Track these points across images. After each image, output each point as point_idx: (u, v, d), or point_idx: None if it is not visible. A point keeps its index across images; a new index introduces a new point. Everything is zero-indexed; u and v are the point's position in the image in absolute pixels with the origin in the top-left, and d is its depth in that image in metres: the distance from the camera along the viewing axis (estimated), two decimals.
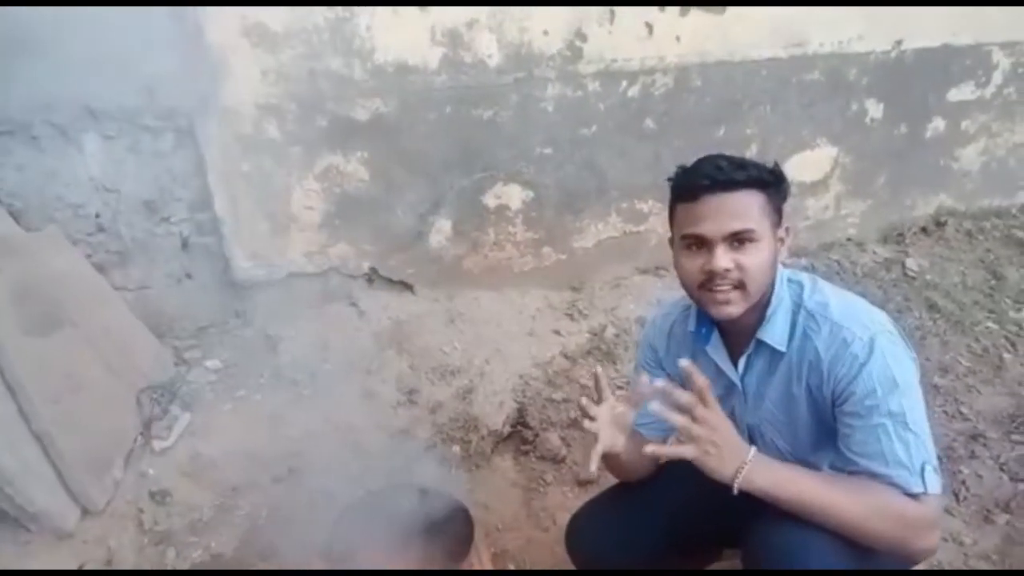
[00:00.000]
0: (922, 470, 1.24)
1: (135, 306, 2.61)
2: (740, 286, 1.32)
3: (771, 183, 1.35)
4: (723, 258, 1.31)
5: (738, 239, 1.31)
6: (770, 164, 1.39)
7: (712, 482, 1.27)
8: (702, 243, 1.34)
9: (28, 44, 2.26)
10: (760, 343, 1.42)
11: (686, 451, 1.26)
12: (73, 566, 2.00)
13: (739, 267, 1.31)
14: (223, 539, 2.15)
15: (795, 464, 1.38)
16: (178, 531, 2.13)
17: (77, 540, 2.04)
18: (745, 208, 1.31)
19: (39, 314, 2.15)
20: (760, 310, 1.40)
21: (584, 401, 1.42)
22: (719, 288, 1.33)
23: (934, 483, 1.24)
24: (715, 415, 1.27)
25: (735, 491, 1.26)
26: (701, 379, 1.27)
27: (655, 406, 1.26)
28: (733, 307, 1.34)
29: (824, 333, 1.35)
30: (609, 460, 1.60)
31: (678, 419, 1.25)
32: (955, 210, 3.89)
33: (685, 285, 1.42)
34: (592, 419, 1.39)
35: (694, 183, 1.34)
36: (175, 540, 2.11)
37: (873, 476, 1.26)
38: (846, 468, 1.31)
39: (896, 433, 1.25)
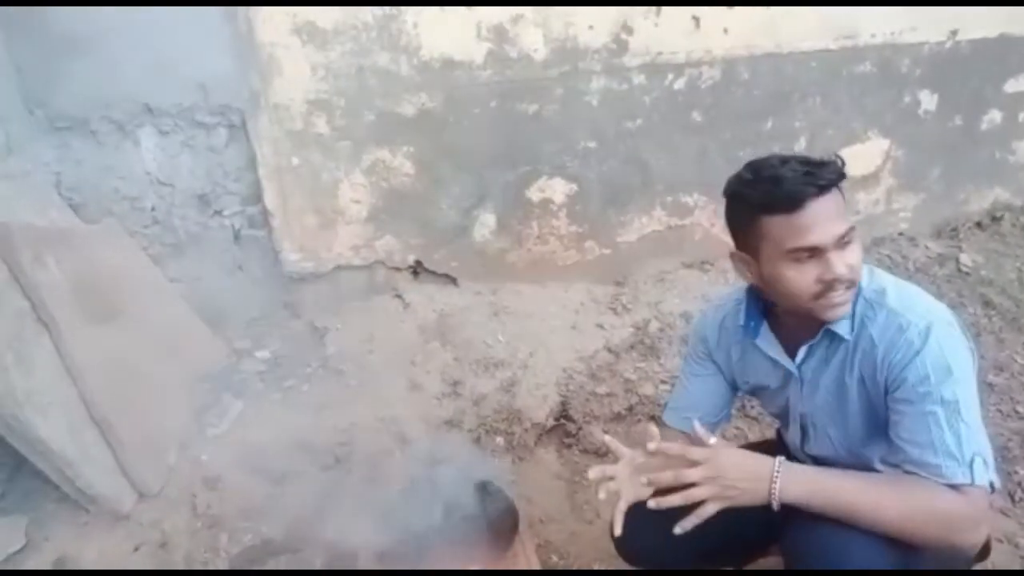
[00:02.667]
0: (971, 461, 1.21)
1: (189, 297, 2.68)
2: (852, 285, 1.30)
3: (844, 177, 1.31)
4: (840, 264, 1.26)
5: (844, 239, 1.27)
6: (820, 156, 1.33)
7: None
8: (814, 252, 1.27)
9: (88, 43, 2.34)
10: (827, 332, 1.39)
11: (709, 509, 1.24)
12: (129, 548, 2.06)
13: (849, 267, 1.27)
14: (272, 524, 2.19)
15: (831, 465, 1.37)
16: (230, 516, 2.18)
17: (133, 523, 2.11)
18: (841, 207, 1.28)
19: (98, 304, 2.23)
20: None
21: (595, 471, 1.39)
22: (838, 291, 1.29)
23: (983, 476, 1.21)
24: (710, 465, 1.25)
25: (776, 507, 1.24)
26: (673, 447, 1.29)
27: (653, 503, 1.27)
28: (846, 307, 1.32)
29: (880, 320, 1.33)
30: None
31: (674, 500, 1.25)
32: (1011, 204, 3.77)
33: (795, 298, 1.33)
34: (611, 478, 1.37)
35: (794, 191, 1.25)
36: (227, 525, 2.16)
37: (920, 464, 1.24)
38: (896, 457, 1.29)
39: (948, 422, 1.23)
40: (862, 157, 3.39)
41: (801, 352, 1.45)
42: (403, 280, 2.99)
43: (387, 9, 2.56)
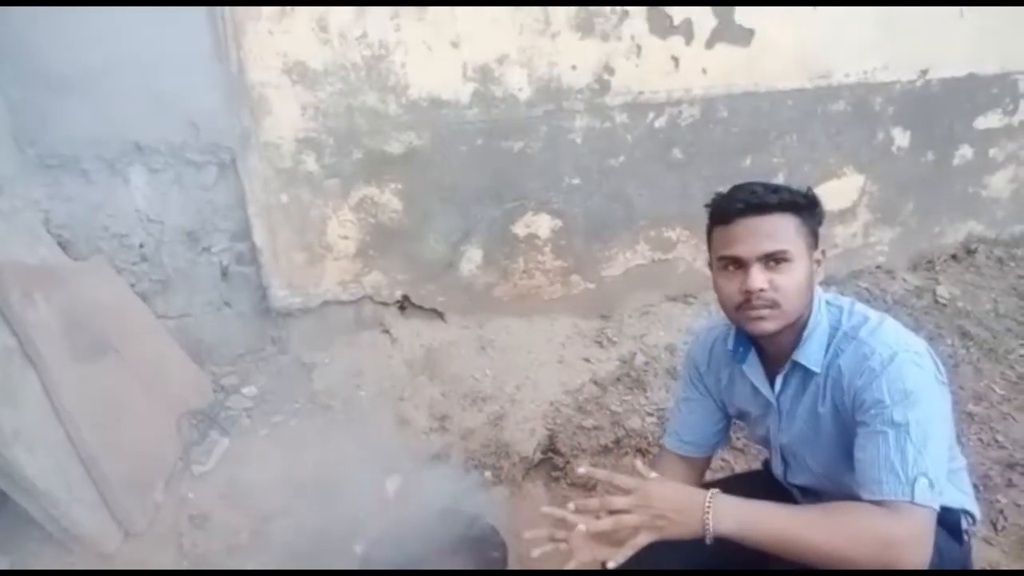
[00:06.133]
0: (914, 480, 1.22)
1: (176, 333, 2.69)
2: (775, 305, 1.35)
3: (804, 206, 1.39)
4: (758, 278, 1.34)
5: (773, 259, 1.34)
6: (793, 187, 1.42)
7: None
8: (738, 264, 1.37)
9: (79, 82, 2.38)
10: (795, 364, 1.44)
11: (641, 540, 1.23)
12: None
13: (773, 287, 1.34)
14: (259, 562, 2.17)
15: (815, 494, 1.37)
16: (216, 554, 2.17)
17: (119, 562, 2.09)
18: (779, 230, 1.35)
19: (85, 341, 2.23)
20: (797, 332, 1.42)
21: (544, 534, 1.37)
22: (755, 307, 1.36)
23: (924, 496, 1.22)
24: (639, 494, 1.26)
25: (708, 541, 1.23)
26: (601, 473, 1.32)
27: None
28: (768, 323, 1.36)
29: (850, 351, 1.37)
30: None
31: (605, 524, 1.24)
32: (985, 237, 3.87)
33: (723, 306, 1.44)
34: (563, 540, 1.35)
35: (730, 207, 1.38)
36: (213, 563, 2.15)
37: (864, 478, 1.27)
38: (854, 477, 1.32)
39: (896, 442, 1.25)
40: (838, 192, 3.47)
41: (778, 382, 1.49)
42: (390, 315, 3.01)
43: (376, 49, 2.62)
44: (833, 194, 3.46)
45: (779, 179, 3.29)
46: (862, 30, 3.19)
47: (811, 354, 1.42)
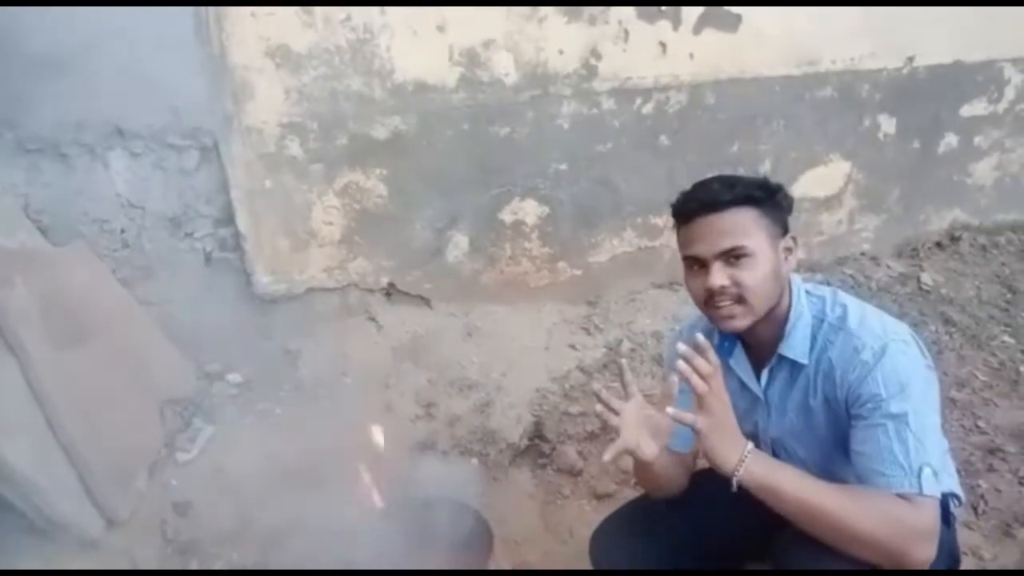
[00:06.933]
0: (919, 471, 1.24)
1: (159, 320, 2.65)
2: (740, 300, 1.36)
3: (763, 198, 1.38)
4: (718, 275, 1.35)
5: (732, 256, 1.35)
6: (771, 179, 1.42)
7: (719, 479, 1.29)
8: (700, 263, 1.38)
9: (59, 66, 2.32)
10: (781, 357, 1.44)
11: (701, 420, 1.27)
12: None
13: (736, 283, 1.35)
14: (244, 550, 2.17)
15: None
16: (201, 542, 2.15)
17: (102, 550, 2.06)
18: (736, 225, 1.35)
19: (66, 328, 2.19)
20: (779, 324, 1.43)
21: (605, 394, 1.40)
22: (721, 304, 1.37)
23: (931, 486, 1.24)
24: (727, 400, 1.31)
25: (734, 485, 1.26)
26: (715, 358, 1.32)
27: (681, 365, 1.27)
28: (738, 321, 1.38)
29: (839, 343, 1.38)
30: (642, 472, 1.59)
31: (702, 385, 1.26)
32: (969, 225, 3.89)
33: (695, 304, 1.46)
34: (616, 412, 1.38)
35: (686, 207, 1.41)
36: (198, 551, 2.14)
37: (869, 473, 1.28)
38: (854, 471, 1.32)
39: (896, 433, 1.26)
40: (824, 180, 3.48)
41: (764, 376, 1.49)
42: (376, 302, 2.99)
43: (361, 33, 2.59)
44: (819, 181, 3.47)
45: (765, 166, 3.29)
46: (849, 17, 3.18)
47: (796, 346, 1.42)
